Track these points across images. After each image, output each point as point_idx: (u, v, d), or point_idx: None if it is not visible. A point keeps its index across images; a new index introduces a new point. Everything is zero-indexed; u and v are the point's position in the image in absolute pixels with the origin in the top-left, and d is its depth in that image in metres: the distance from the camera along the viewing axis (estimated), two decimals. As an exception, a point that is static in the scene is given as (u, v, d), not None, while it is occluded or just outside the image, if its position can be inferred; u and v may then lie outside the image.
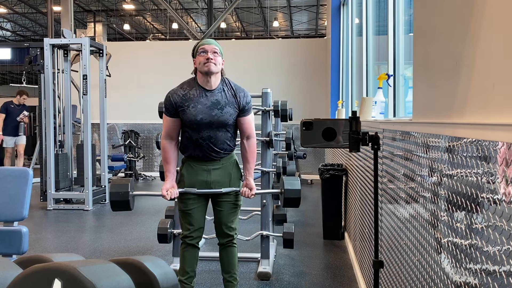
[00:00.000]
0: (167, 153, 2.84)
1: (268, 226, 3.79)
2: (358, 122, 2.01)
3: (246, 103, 2.81)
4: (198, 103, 2.71)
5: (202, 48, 2.70)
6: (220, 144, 2.78)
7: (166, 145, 2.84)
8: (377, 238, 2.13)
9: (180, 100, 2.72)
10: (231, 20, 21.77)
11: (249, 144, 2.89)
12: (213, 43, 2.74)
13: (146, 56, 10.29)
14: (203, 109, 2.70)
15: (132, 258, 1.58)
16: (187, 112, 2.70)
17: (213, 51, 2.69)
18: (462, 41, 1.40)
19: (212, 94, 2.73)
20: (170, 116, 2.78)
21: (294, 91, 9.65)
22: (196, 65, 2.73)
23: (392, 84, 3.35)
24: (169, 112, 2.78)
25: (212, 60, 2.67)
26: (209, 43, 2.74)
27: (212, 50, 2.69)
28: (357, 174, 3.76)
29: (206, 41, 2.75)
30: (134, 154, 9.53)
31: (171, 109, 2.76)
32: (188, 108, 2.70)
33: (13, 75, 26.20)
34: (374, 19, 4.80)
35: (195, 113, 2.70)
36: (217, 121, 2.72)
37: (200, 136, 2.74)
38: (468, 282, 1.21)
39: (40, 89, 6.74)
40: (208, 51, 2.68)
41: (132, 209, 2.86)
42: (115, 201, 2.78)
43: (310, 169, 9.32)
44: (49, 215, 6.11)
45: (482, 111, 1.23)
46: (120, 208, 2.83)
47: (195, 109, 2.70)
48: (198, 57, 2.70)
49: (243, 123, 2.85)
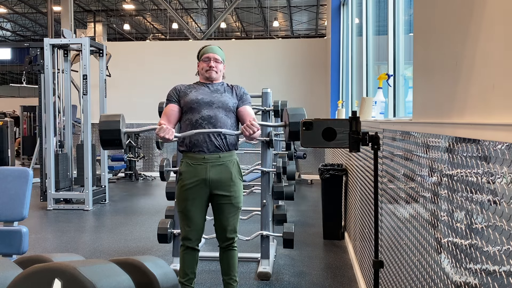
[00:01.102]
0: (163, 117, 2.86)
1: (268, 226, 3.79)
2: (358, 122, 2.01)
3: (243, 93, 2.96)
4: (199, 90, 2.90)
5: (206, 56, 2.89)
6: (219, 126, 2.76)
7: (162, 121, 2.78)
8: (377, 238, 2.13)
9: (184, 88, 2.92)
10: (231, 20, 21.77)
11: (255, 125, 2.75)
12: (216, 51, 2.91)
13: (146, 56, 10.29)
14: (204, 93, 2.88)
15: (132, 258, 1.58)
16: (189, 94, 2.86)
17: (215, 59, 2.88)
18: (462, 41, 1.40)
19: (213, 85, 2.92)
20: (171, 103, 2.90)
21: (294, 91, 9.65)
22: (199, 69, 2.95)
23: (392, 84, 3.35)
24: (172, 98, 2.90)
25: (213, 68, 2.88)
26: (212, 51, 2.91)
27: (214, 58, 2.88)
28: (357, 174, 3.76)
29: (210, 48, 2.92)
30: (134, 154, 9.53)
31: (174, 96, 2.90)
32: (191, 92, 2.88)
33: (13, 75, 26.22)
34: (374, 19, 4.80)
35: (197, 94, 2.86)
36: (217, 101, 2.84)
37: (200, 116, 2.78)
38: (468, 282, 1.21)
39: (40, 89, 6.75)
40: (210, 59, 2.88)
41: (124, 148, 2.73)
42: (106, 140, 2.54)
43: (310, 169, 9.32)
44: (49, 215, 6.11)
45: (482, 111, 1.23)
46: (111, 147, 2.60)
47: (197, 92, 2.88)
48: (201, 63, 2.91)
49: (243, 112, 2.90)
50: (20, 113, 13.40)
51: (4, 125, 9.43)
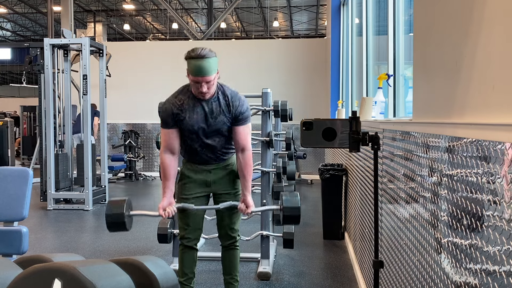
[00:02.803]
0: (167, 169, 2.74)
1: (268, 226, 3.79)
2: (358, 122, 2.01)
3: (240, 113, 2.69)
4: (194, 113, 2.66)
5: (195, 80, 2.53)
6: (218, 151, 2.78)
7: (166, 160, 2.74)
8: (377, 238, 2.13)
9: (177, 110, 2.66)
10: (231, 20, 21.77)
11: (244, 158, 2.74)
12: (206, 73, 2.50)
13: (146, 56, 10.29)
14: (198, 119, 2.66)
15: (132, 258, 1.58)
16: (184, 123, 2.67)
17: (207, 82, 2.53)
18: (462, 41, 1.40)
19: (207, 103, 2.66)
20: (169, 128, 2.70)
21: (294, 91, 9.65)
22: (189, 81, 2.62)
23: (392, 84, 3.35)
24: (168, 124, 2.70)
25: (207, 92, 2.57)
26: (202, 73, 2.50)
27: (205, 81, 2.53)
28: (357, 174, 3.76)
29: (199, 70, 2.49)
30: (134, 154, 9.53)
31: (169, 121, 2.68)
32: (185, 118, 2.66)
33: (13, 75, 26.22)
34: (374, 19, 4.80)
35: (192, 123, 2.66)
36: (212, 130, 2.69)
37: (198, 145, 2.73)
38: (468, 282, 1.21)
39: (40, 89, 6.74)
40: (201, 83, 2.53)
41: (129, 230, 2.81)
42: (110, 222, 2.71)
43: (310, 169, 9.32)
44: (49, 215, 6.11)
45: (482, 111, 1.23)
46: (116, 229, 2.79)
47: (191, 119, 2.66)
48: (190, 80, 2.58)
49: (236, 132, 2.72)
50: (20, 113, 13.41)
51: (4, 125, 9.42)
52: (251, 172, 2.79)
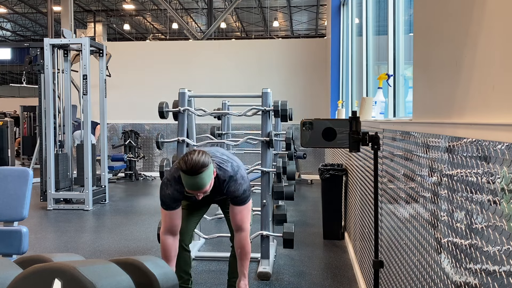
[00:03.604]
0: (167, 251, 2.65)
1: (268, 226, 3.79)
2: (358, 122, 2.02)
3: (235, 197, 2.62)
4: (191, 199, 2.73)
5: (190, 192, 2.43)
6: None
7: (167, 241, 2.65)
8: (377, 238, 2.13)
9: (178, 195, 2.60)
10: (231, 20, 21.77)
11: (239, 238, 2.67)
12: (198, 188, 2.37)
13: (146, 56, 10.28)
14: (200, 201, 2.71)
15: (132, 258, 1.57)
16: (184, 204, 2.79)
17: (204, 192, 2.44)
18: (462, 41, 1.40)
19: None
20: (170, 210, 2.61)
21: (294, 91, 9.65)
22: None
23: (392, 84, 3.35)
24: (169, 207, 2.61)
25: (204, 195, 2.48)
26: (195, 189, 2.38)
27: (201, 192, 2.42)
28: (357, 174, 3.76)
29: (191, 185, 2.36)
30: (134, 154, 9.53)
31: (170, 203, 2.61)
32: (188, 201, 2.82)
33: (13, 75, 26.22)
34: (374, 19, 4.79)
35: (194, 204, 2.85)
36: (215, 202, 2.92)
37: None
38: (468, 282, 1.21)
39: (40, 89, 6.74)
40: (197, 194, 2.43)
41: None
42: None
43: (310, 169, 9.32)
44: (49, 215, 6.11)
45: (482, 111, 1.23)
46: None
47: (193, 202, 2.81)
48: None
49: (233, 212, 2.65)
50: (20, 113, 13.41)
51: (4, 125, 9.43)
52: (247, 253, 2.69)
